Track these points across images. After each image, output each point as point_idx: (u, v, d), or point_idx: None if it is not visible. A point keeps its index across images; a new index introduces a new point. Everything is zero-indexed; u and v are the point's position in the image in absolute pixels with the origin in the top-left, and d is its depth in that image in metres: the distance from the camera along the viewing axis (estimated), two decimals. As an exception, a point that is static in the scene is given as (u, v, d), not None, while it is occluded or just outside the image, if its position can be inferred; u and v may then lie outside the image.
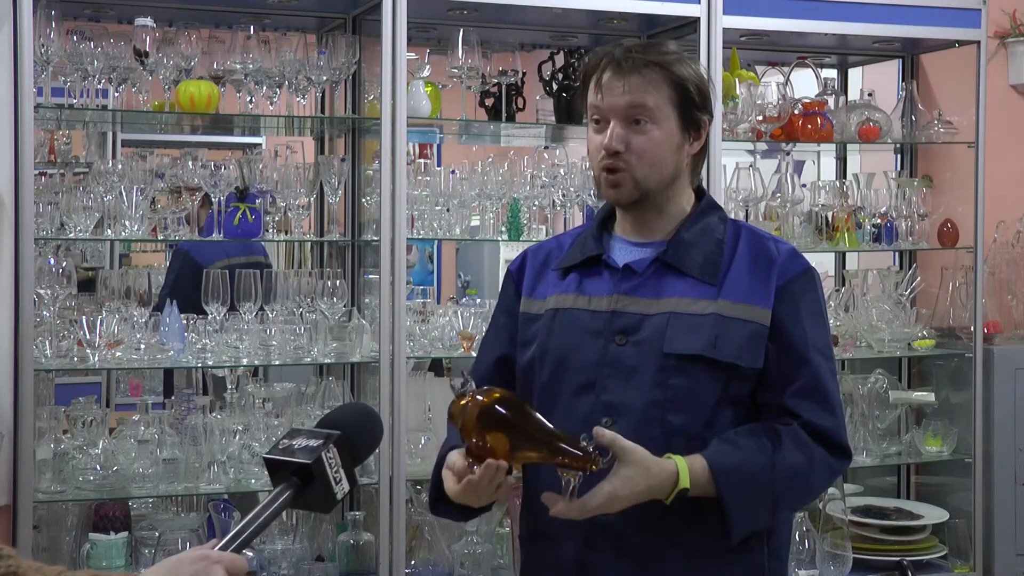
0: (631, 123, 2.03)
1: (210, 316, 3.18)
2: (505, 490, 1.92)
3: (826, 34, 3.80)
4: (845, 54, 4.28)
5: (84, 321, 3.01)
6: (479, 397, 1.86)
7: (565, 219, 3.64)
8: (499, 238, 3.59)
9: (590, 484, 1.87)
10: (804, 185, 3.95)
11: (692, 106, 2.06)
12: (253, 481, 3.14)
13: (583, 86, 2.11)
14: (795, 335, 2.02)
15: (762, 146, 4.04)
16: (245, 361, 3.22)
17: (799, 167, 4.32)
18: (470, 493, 1.91)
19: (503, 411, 1.85)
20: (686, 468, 1.91)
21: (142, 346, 3.12)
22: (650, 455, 1.90)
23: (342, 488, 1.56)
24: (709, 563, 2.00)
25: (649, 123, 2.03)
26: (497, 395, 1.87)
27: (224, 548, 1.46)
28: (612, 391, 2.01)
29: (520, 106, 3.60)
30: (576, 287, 2.11)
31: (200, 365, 3.24)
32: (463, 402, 1.87)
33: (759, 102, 3.72)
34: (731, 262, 2.07)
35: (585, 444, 1.83)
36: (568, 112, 3.61)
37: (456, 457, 1.92)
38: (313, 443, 1.56)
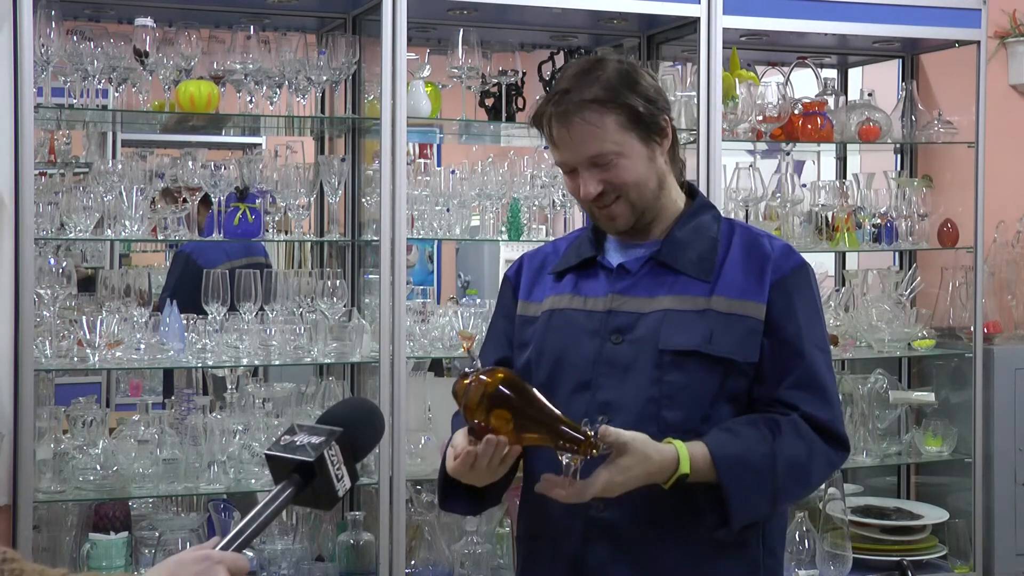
0: (598, 166, 2.02)
1: (210, 316, 3.18)
2: (508, 464, 1.91)
3: (826, 34, 3.80)
4: (845, 54, 4.28)
5: (84, 321, 3.01)
6: (483, 377, 1.87)
7: (565, 219, 3.64)
8: (499, 238, 3.59)
9: (589, 468, 1.87)
10: (804, 185, 3.94)
11: (646, 119, 2.03)
12: (253, 481, 3.14)
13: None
14: (790, 329, 2.03)
15: (762, 146, 4.04)
16: (245, 361, 3.21)
17: (799, 167, 4.32)
18: (471, 469, 1.90)
19: (506, 391, 1.86)
20: (686, 454, 1.92)
21: (142, 346, 3.12)
22: (651, 442, 1.90)
23: (344, 485, 1.54)
24: (705, 559, 2.01)
25: (615, 158, 2.02)
26: (500, 375, 1.88)
27: (226, 547, 1.44)
28: (608, 389, 2.02)
29: (520, 106, 3.60)
30: (572, 288, 2.13)
31: (200, 365, 3.24)
32: (467, 381, 1.88)
33: (759, 102, 3.71)
34: (725, 259, 2.07)
35: (587, 428, 1.83)
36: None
37: (460, 437, 1.93)
38: (315, 439, 1.53)
